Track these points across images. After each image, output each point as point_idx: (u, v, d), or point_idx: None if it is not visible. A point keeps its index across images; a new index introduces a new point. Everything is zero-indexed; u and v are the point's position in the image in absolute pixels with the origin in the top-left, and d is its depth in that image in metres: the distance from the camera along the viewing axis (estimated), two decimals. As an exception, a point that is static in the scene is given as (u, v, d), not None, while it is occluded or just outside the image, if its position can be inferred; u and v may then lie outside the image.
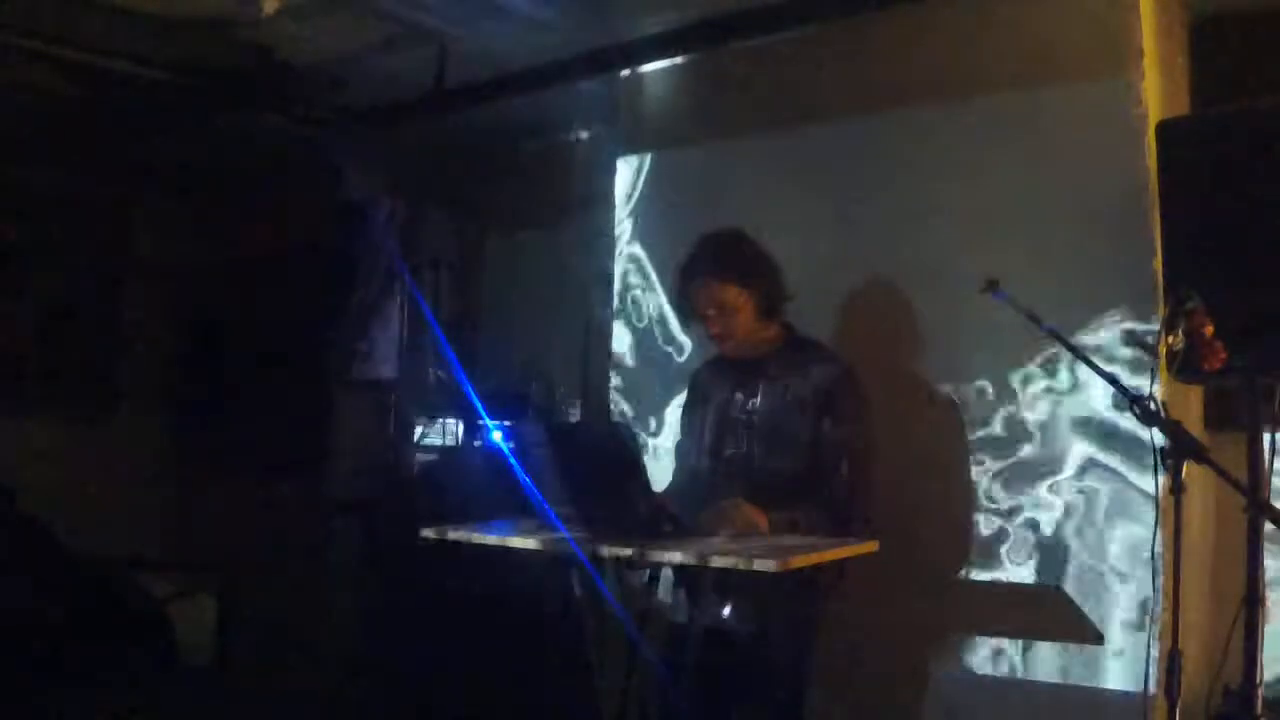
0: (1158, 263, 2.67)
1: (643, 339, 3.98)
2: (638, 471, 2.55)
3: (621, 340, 4.08)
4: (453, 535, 2.71)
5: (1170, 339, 2.16)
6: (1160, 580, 2.15)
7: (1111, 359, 2.92)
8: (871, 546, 2.60)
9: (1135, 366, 2.89)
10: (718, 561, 2.26)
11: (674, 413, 3.08)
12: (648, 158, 4.09)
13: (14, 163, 5.05)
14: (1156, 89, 3.02)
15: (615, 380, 4.10)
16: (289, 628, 4.79)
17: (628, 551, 2.41)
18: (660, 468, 3.51)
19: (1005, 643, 3.12)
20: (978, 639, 3.18)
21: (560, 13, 3.72)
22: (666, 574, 2.78)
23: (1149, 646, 2.67)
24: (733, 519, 2.57)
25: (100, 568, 4.56)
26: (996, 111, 3.24)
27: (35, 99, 4.48)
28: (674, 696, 2.57)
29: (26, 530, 4.38)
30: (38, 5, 3.68)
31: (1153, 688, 2.48)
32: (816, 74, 3.59)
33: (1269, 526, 2.29)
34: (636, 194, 4.13)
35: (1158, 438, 2.13)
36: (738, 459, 2.80)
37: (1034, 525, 3.10)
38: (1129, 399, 2.15)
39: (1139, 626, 2.87)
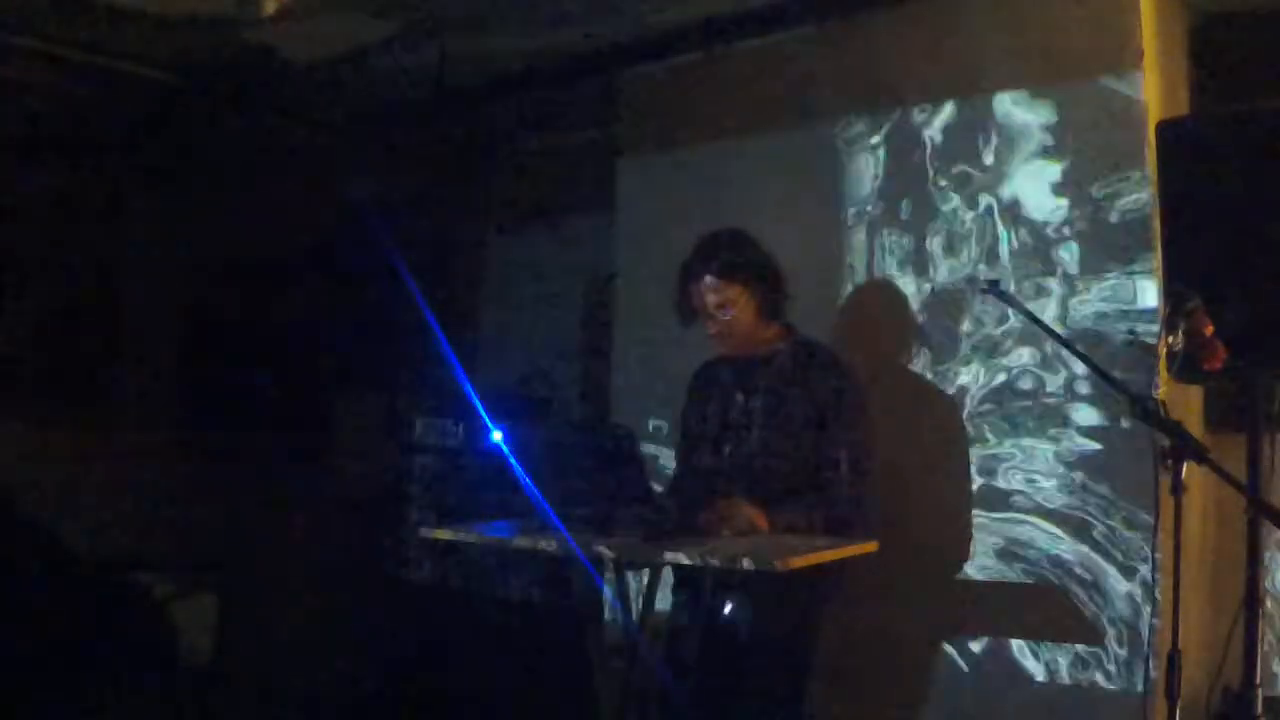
0: (1158, 262, 2.67)
1: (642, 339, 3.98)
2: (637, 471, 2.55)
3: (621, 340, 4.08)
4: (453, 535, 2.71)
5: (1170, 339, 2.16)
6: (1160, 580, 2.15)
7: (1111, 359, 2.92)
8: (871, 546, 2.60)
9: (1135, 367, 2.89)
10: (717, 561, 2.26)
11: (674, 413, 3.08)
12: (647, 158, 4.09)
13: (14, 163, 5.04)
14: (1156, 89, 3.02)
15: (615, 380, 4.10)
16: (289, 628, 4.79)
17: (628, 551, 2.40)
18: (660, 468, 3.52)
19: (1005, 642, 3.13)
20: (978, 639, 3.18)
21: (560, 12, 3.72)
22: (666, 574, 2.78)
23: (1149, 646, 2.67)
24: (733, 519, 2.56)
25: (100, 568, 4.56)
26: (996, 112, 3.24)
27: (35, 99, 4.48)
28: (674, 696, 2.57)
29: (26, 530, 4.38)
30: (38, 5, 3.68)
31: (1153, 688, 2.48)
32: (816, 74, 3.59)
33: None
34: (636, 194, 4.12)
35: (1158, 438, 2.13)
36: (738, 459, 2.80)
37: (1034, 524, 3.10)
38: (1129, 399, 2.15)
39: (1139, 626, 2.87)
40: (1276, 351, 2.35)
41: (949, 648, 3.23)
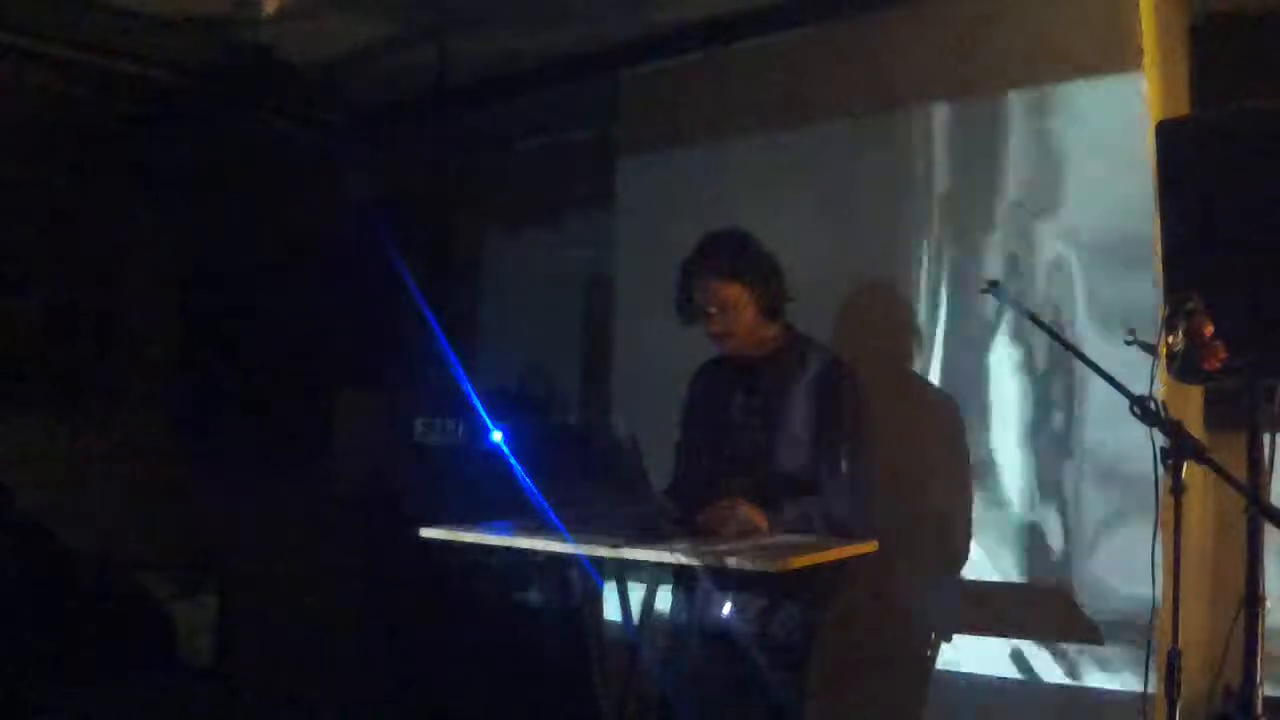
0: (1158, 263, 2.67)
1: (642, 339, 3.98)
2: (637, 471, 2.55)
3: (621, 340, 4.08)
4: (453, 535, 2.71)
5: (1170, 339, 2.15)
6: (1160, 580, 2.15)
7: (1111, 359, 2.92)
8: (871, 546, 2.60)
9: (1135, 367, 2.89)
10: (717, 562, 2.26)
11: (674, 413, 3.08)
12: (648, 158, 4.09)
13: (14, 163, 5.05)
14: (1156, 89, 3.02)
15: (615, 380, 4.10)
16: (289, 628, 4.79)
17: (628, 552, 2.40)
18: (660, 468, 3.51)
19: (1006, 642, 3.12)
20: (978, 639, 3.17)
21: (561, 12, 3.72)
22: (666, 574, 2.78)
23: (1149, 646, 2.67)
24: (733, 519, 2.57)
25: (100, 568, 4.56)
26: (996, 111, 3.24)
27: (35, 99, 4.48)
28: (674, 697, 2.57)
29: (26, 530, 4.38)
30: (38, 5, 3.68)
31: (1153, 688, 2.48)
32: (817, 74, 3.59)
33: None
34: (637, 194, 4.12)
35: (1158, 438, 2.13)
36: (738, 459, 2.80)
37: (1034, 523, 3.10)
38: (1129, 399, 2.15)
39: (1139, 626, 2.87)
40: (1276, 351, 2.35)
41: (948, 648, 3.22)
